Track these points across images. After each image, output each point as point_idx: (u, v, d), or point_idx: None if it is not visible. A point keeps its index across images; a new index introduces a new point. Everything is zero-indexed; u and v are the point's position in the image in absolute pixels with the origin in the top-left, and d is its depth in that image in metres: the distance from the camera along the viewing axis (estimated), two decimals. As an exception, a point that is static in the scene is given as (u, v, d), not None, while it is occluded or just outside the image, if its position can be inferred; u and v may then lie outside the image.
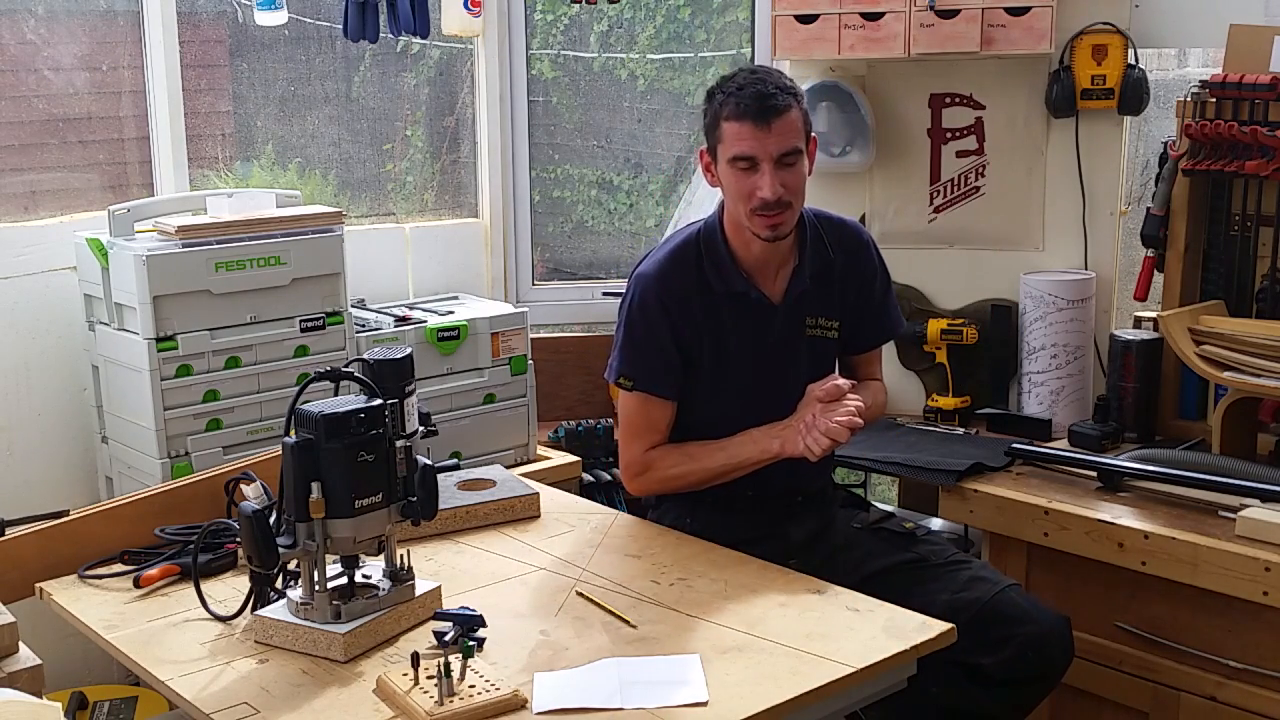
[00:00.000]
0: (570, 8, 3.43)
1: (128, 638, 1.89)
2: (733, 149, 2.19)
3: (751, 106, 2.16)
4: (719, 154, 2.24)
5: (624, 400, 2.35)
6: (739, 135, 2.17)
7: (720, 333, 2.31)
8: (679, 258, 2.32)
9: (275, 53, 3.16)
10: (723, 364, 2.32)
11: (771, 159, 2.17)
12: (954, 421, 3.04)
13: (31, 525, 2.14)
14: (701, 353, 2.31)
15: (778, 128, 2.16)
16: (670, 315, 2.28)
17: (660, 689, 1.67)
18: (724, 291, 2.30)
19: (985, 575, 2.24)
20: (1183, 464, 2.49)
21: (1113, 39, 2.90)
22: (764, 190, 2.17)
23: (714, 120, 2.23)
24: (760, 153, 2.17)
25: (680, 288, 2.29)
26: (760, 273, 2.32)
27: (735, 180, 2.21)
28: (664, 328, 2.29)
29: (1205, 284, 2.80)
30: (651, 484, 2.36)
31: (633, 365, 2.31)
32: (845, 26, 2.95)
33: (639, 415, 2.33)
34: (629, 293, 2.33)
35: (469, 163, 3.41)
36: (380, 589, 1.88)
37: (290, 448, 1.80)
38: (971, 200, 3.14)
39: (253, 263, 2.55)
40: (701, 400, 2.34)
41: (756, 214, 2.20)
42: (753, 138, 2.16)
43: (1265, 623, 2.23)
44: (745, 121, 2.16)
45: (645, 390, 2.31)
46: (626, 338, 2.32)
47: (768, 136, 2.16)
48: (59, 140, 2.86)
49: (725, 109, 2.20)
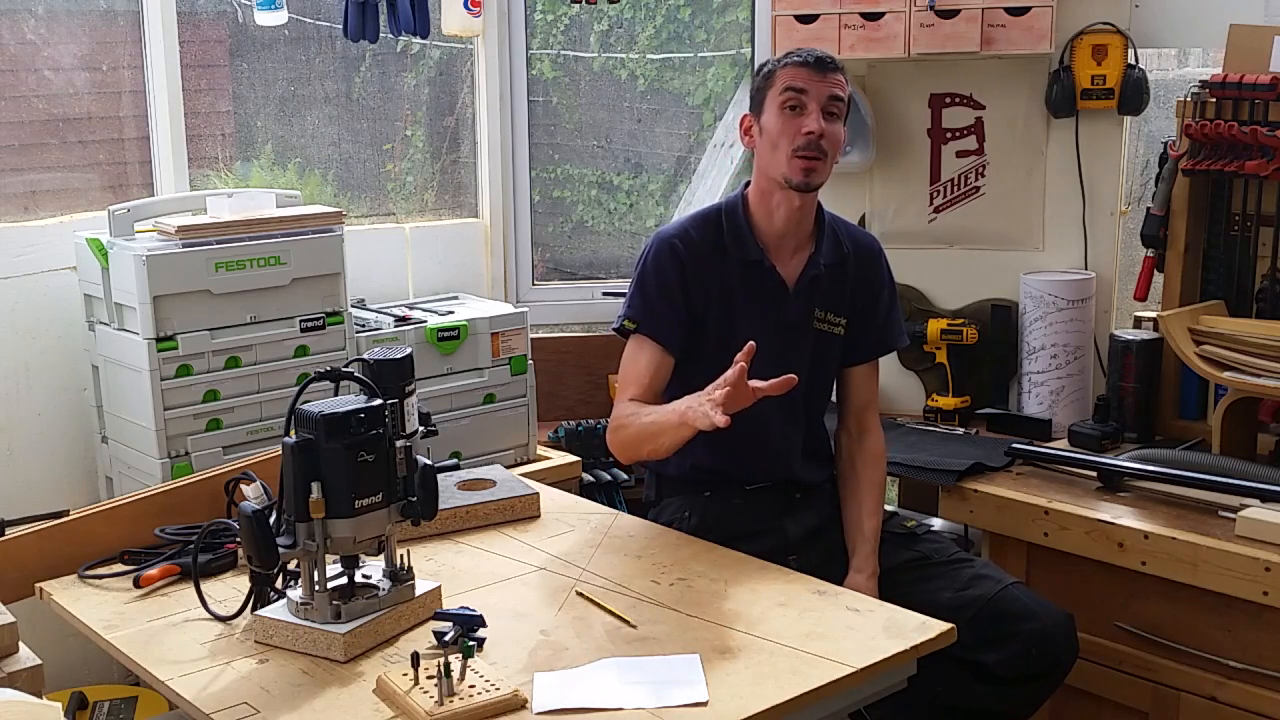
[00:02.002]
0: (570, 8, 3.43)
1: (128, 638, 1.89)
2: (786, 84, 2.26)
3: (811, 57, 2.28)
4: (766, 104, 2.30)
5: (626, 347, 2.35)
6: (795, 76, 2.26)
7: (730, 301, 2.33)
8: (701, 223, 2.37)
9: (275, 53, 3.16)
10: (728, 334, 2.32)
11: (820, 101, 2.25)
12: (954, 421, 3.04)
13: (31, 525, 2.14)
14: (709, 317, 2.33)
15: (830, 79, 2.27)
16: (684, 272, 2.32)
17: (660, 689, 1.67)
18: (739, 259, 2.33)
19: (988, 573, 2.24)
20: (1183, 464, 2.49)
21: (1113, 39, 2.90)
22: (810, 124, 2.24)
23: (768, 76, 2.31)
24: (813, 90, 2.26)
25: (697, 248, 2.33)
26: (778, 249, 2.35)
27: (782, 122, 2.26)
28: (676, 282, 2.31)
29: (1205, 284, 2.80)
30: (615, 440, 2.30)
31: (639, 310, 2.33)
32: (845, 26, 2.96)
33: (632, 362, 2.32)
34: (647, 248, 2.37)
35: (469, 163, 3.41)
36: (380, 589, 1.88)
37: (290, 448, 1.80)
38: (971, 200, 3.14)
39: (253, 263, 2.55)
40: (703, 368, 2.33)
41: (797, 155, 2.25)
42: (807, 80, 2.26)
43: (1265, 623, 2.23)
44: (803, 67, 2.27)
45: (647, 334, 2.31)
46: (638, 286, 2.35)
47: (821, 81, 2.26)
48: (59, 140, 2.86)
49: (782, 62, 2.30)
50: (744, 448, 2.35)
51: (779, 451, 2.38)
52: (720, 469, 2.37)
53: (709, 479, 2.36)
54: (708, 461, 2.37)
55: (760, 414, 2.33)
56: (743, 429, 2.35)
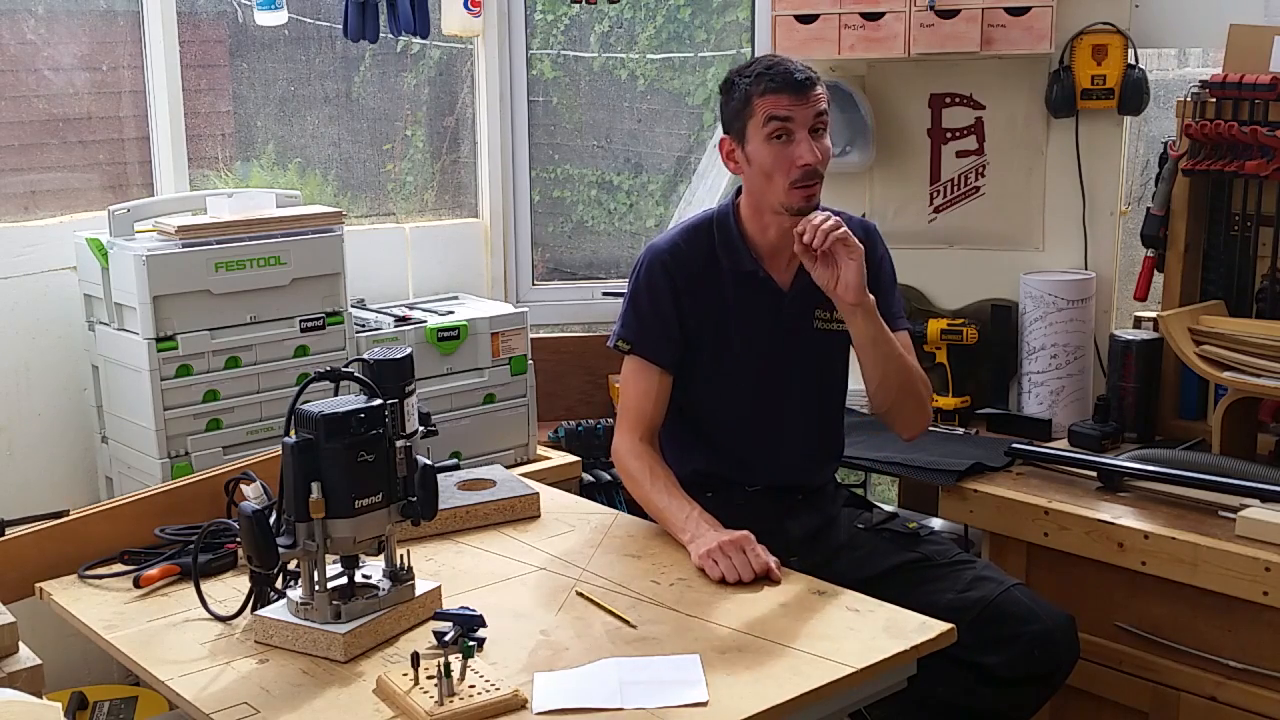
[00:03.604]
0: (570, 8, 3.43)
1: (128, 638, 1.89)
2: (769, 113, 2.20)
3: (786, 80, 2.20)
4: (749, 133, 2.24)
5: (623, 369, 2.36)
6: (776, 104, 2.20)
7: (725, 312, 2.32)
8: (692, 234, 2.35)
9: (275, 53, 3.16)
10: (726, 345, 2.32)
11: (807, 125, 2.20)
12: (954, 421, 3.04)
13: (31, 525, 2.14)
14: (704, 330, 2.32)
15: (811, 98, 2.21)
16: (676, 286, 2.30)
17: (660, 689, 1.67)
18: (733, 270, 2.32)
19: (989, 574, 2.24)
20: (1183, 464, 2.49)
21: (1113, 39, 2.90)
22: (804, 156, 2.19)
23: (744, 101, 2.23)
24: (797, 115, 2.20)
25: (690, 261, 2.32)
26: (772, 258, 2.33)
27: (771, 153, 2.21)
28: (668, 298, 2.30)
29: (1205, 284, 2.80)
30: (621, 474, 2.36)
31: (633, 330, 2.33)
32: (845, 26, 2.96)
33: (633, 385, 2.33)
34: (640, 261, 2.36)
35: (469, 163, 3.41)
36: (380, 589, 1.88)
37: (290, 448, 1.80)
38: (971, 200, 3.14)
39: (253, 263, 2.55)
40: (703, 381, 2.34)
41: (796, 186, 2.21)
42: (790, 106, 2.20)
43: (1265, 623, 2.23)
44: (782, 94, 2.20)
45: (642, 355, 2.31)
46: (631, 304, 2.34)
47: (804, 104, 2.20)
48: (59, 140, 2.86)
49: (757, 87, 2.22)
50: (755, 454, 2.35)
51: (790, 457, 2.37)
52: (723, 473, 2.37)
53: (710, 481, 2.36)
54: (711, 467, 2.37)
55: (776, 421, 2.33)
56: (757, 435, 2.36)
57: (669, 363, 2.32)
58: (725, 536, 2.07)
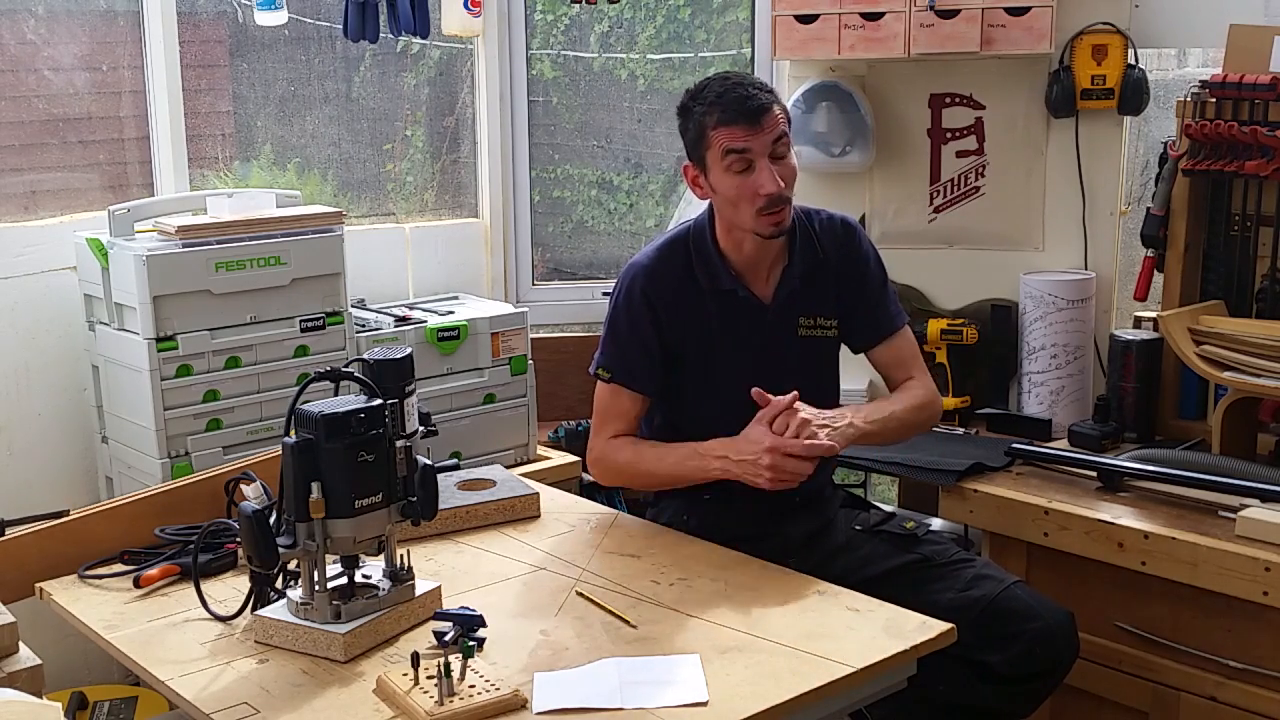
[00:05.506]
0: (570, 8, 3.43)
1: (128, 638, 1.89)
2: (725, 146, 2.18)
3: (739, 109, 2.17)
4: (709, 163, 2.23)
5: (599, 389, 2.37)
6: (731, 137, 2.18)
7: (707, 331, 2.31)
8: (669, 253, 2.33)
9: (275, 53, 3.16)
10: (710, 363, 2.32)
11: (767, 153, 2.18)
12: (954, 421, 3.04)
13: (31, 525, 2.14)
14: (686, 350, 2.32)
15: (767, 123, 2.18)
16: (655, 310, 2.30)
17: (660, 689, 1.67)
18: (712, 289, 2.31)
19: (989, 573, 2.24)
20: (1183, 464, 2.49)
21: (1113, 39, 2.90)
22: (767, 185, 2.17)
23: (699, 133, 2.22)
24: (755, 145, 2.17)
25: (668, 283, 2.31)
26: (750, 273, 2.32)
27: (734, 184, 2.20)
28: (647, 323, 2.30)
29: (1205, 284, 2.80)
30: (607, 473, 2.38)
31: (613, 358, 2.33)
32: (845, 26, 2.95)
33: (609, 404, 2.35)
34: (619, 283, 2.35)
35: (469, 163, 3.41)
36: (380, 589, 1.88)
37: (290, 448, 1.80)
38: (971, 200, 3.14)
39: (253, 263, 2.55)
40: (690, 399, 2.34)
41: (762, 214, 2.20)
42: (745, 137, 2.17)
43: (1265, 623, 2.23)
44: (736, 125, 2.17)
45: (621, 383, 2.32)
46: (611, 330, 2.34)
47: (760, 132, 2.17)
48: (59, 140, 2.86)
49: (710, 118, 2.19)
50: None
51: None
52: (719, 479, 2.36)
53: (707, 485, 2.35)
54: None
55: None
56: None
57: (647, 389, 2.33)
58: (751, 446, 2.12)
